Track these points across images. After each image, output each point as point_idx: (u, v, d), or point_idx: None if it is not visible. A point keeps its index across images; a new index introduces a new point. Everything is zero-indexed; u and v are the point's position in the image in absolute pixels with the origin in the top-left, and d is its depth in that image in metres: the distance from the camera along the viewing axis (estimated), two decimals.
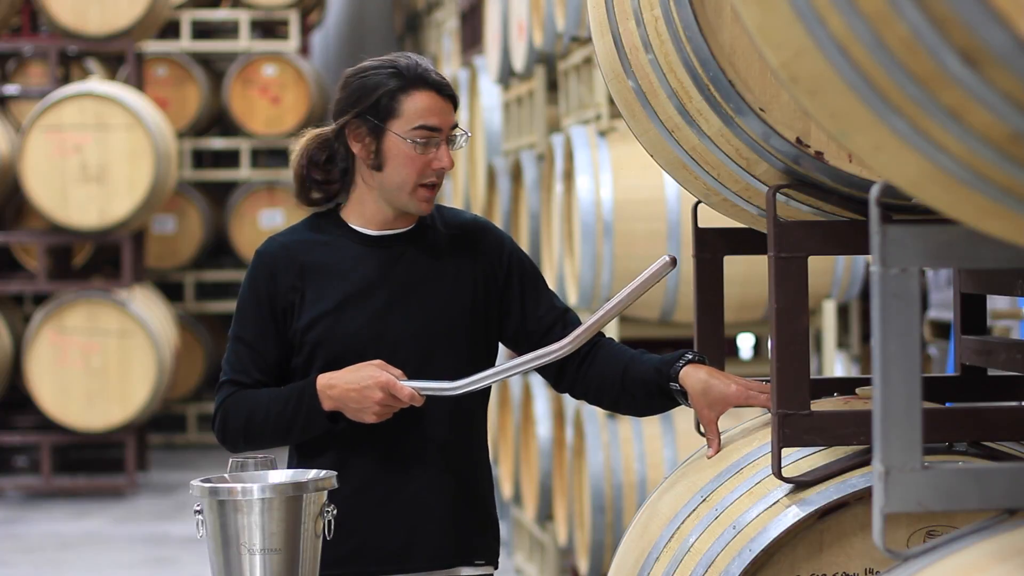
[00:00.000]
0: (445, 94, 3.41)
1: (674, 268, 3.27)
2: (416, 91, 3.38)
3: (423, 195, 3.40)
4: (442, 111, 3.39)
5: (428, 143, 3.37)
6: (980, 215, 1.85)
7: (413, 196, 3.40)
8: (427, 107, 3.38)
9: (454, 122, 3.41)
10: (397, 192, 3.40)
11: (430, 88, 3.39)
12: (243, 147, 14.19)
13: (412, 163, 3.37)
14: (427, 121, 3.37)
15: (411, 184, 3.38)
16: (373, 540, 3.40)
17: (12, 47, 12.20)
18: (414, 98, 3.38)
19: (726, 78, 2.89)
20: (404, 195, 3.40)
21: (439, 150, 3.38)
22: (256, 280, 3.44)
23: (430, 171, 3.38)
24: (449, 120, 3.40)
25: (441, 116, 3.39)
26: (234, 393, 3.42)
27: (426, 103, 3.38)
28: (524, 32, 8.16)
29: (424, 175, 3.38)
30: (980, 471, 2.16)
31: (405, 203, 3.41)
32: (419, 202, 3.40)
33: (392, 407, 3.31)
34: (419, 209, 3.41)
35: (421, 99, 3.38)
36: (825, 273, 6.98)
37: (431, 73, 3.41)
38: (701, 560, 3.00)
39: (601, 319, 3.30)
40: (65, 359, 11.20)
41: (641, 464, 6.77)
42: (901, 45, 1.65)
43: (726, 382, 3.25)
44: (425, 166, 3.38)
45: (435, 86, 3.40)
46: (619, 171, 6.78)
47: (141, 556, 9.39)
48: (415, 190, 3.39)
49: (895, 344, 2.09)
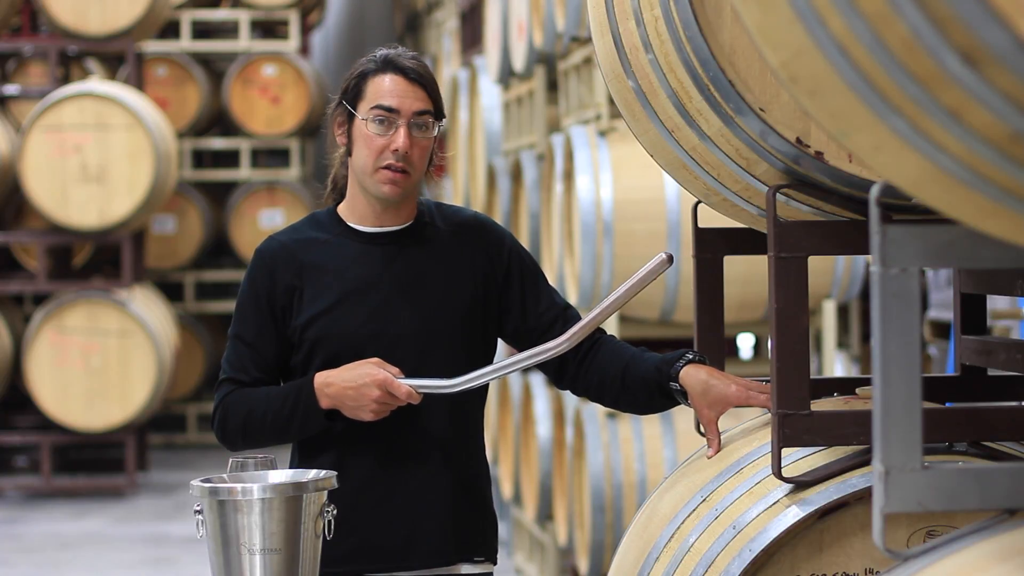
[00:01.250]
0: (410, 78, 3.40)
1: (671, 265, 3.26)
2: (381, 74, 3.41)
3: (384, 176, 3.39)
4: (404, 94, 3.39)
5: (385, 124, 3.38)
6: (980, 215, 1.85)
7: (375, 178, 3.39)
8: (387, 89, 3.39)
9: (420, 108, 3.39)
10: (363, 176, 3.41)
11: (395, 71, 3.40)
12: (243, 147, 14.19)
13: (369, 143, 3.38)
14: (383, 101, 3.38)
15: (370, 166, 3.39)
16: (374, 538, 3.40)
17: (12, 47, 12.20)
18: (377, 80, 3.40)
19: (726, 78, 2.89)
20: (368, 178, 3.40)
21: (396, 132, 3.38)
22: (255, 279, 3.45)
23: (388, 153, 3.38)
24: (411, 104, 3.39)
25: (401, 99, 3.38)
26: (233, 391, 3.42)
27: (387, 85, 3.39)
28: (524, 32, 8.16)
29: (382, 156, 3.38)
30: (980, 471, 2.16)
31: (370, 186, 3.41)
32: (380, 184, 3.39)
33: (390, 405, 3.31)
34: (382, 192, 3.40)
35: (383, 81, 3.40)
36: (825, 273, 6.98)
37: (401, 58, 3.42)
38: (701, 560, 3.00)
39: (598, 316, 3.30)
40: (65, 359, 11.20)
41: (641, 464, 6.77)
42: (901, 45, 1.65)
43: (726, 382, 3.25)
44: (383, 148, 3.38)
45: (401, 69, 3.40)
46: (619, 171, 6.78)
47: (141, 556, 9.39)
48: (375, 172, 3.39)
49: (895, 344, 2.09)
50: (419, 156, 3.40)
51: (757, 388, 3.23)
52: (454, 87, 10.36)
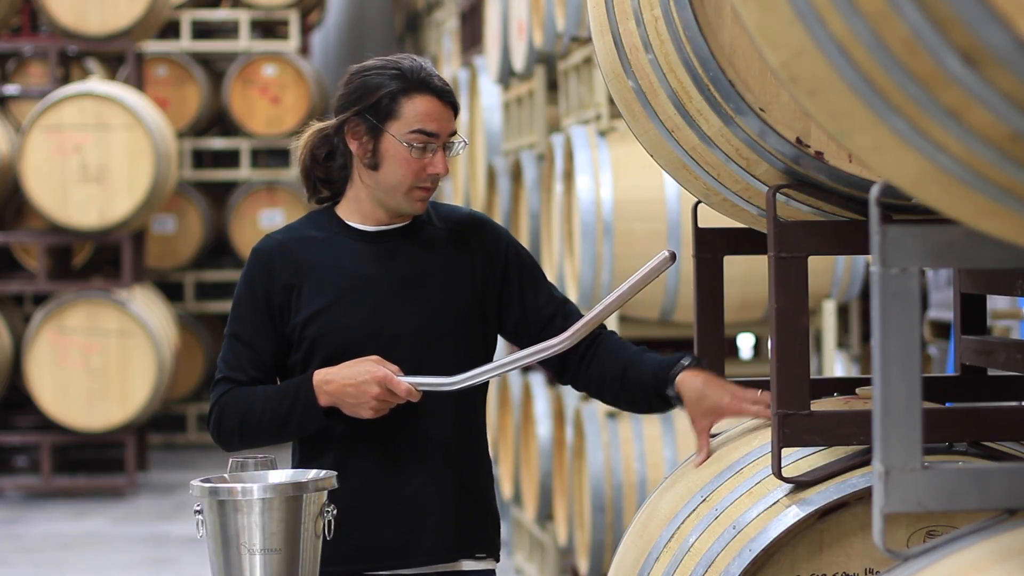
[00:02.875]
0: (446, 100, 3.41)
1: (673, 263, 3.27)
2: (417, 95, 3.39)
3: (418, 195, 3.41)
4: (441, 117, 3.40)
5: (425, 148, 3.38)
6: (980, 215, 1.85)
7: (408, 196, 3.41)
8: (427, 112, 3.38)
9: (453, 129, 3.42)
10: (391, 192, 3.41)
11: (431, 93, 3.40)
12: (243, 147, 14.19)
13: (408, 166, 3.38)
14: (426, 126, 3.38)
15: (406, 186, 3.40)
16: (376, 536, 3.40)
17: (12, 47, 12.20)
18: (415, 102, 3.38)
19: (726, 78, 2.89)
20: (399, 196, 3.41)
21: (435, 156, 3.39)
22: (253, 277, 3.45)
23: (425, 175, 3.39)
24: (448, 127, 3.41)
25: (440, 122, 3.39)
26: (230, 391, 3.42)
27: (426, 108, 3.38)
28: (524, 32, 8.16)
29: (419, 179, 3.39)
30: (980, 471, 2.16)
31: (399, 203, 3.42)
32: (414, 202, 3.42)
33: (389, 403, 3.31)
34: (414, 209, 3.43)
35: (421, 103, 3.38)
36: (825, 273, 6.98)
37: (434, 78, 3.41)
38: (701, 560, 3.00)
39: (600, 313, 3.30)
40: (65, 359, 11.20)
41: (641, 464, 6.77)
42: (901, 45, 1.65)
43: (720, 392, 3.27)
44: (420, 170, 3.38)
45: (436, 92, 3.40)
46: (619, 171, 6.78)
47: (141, 556, 9.39)
48: (410, 191, 3.40)
49: (895, 344, 2.09)
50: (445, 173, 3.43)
51: (751, 398, 3.24)
52: (454, 87, 10.35)
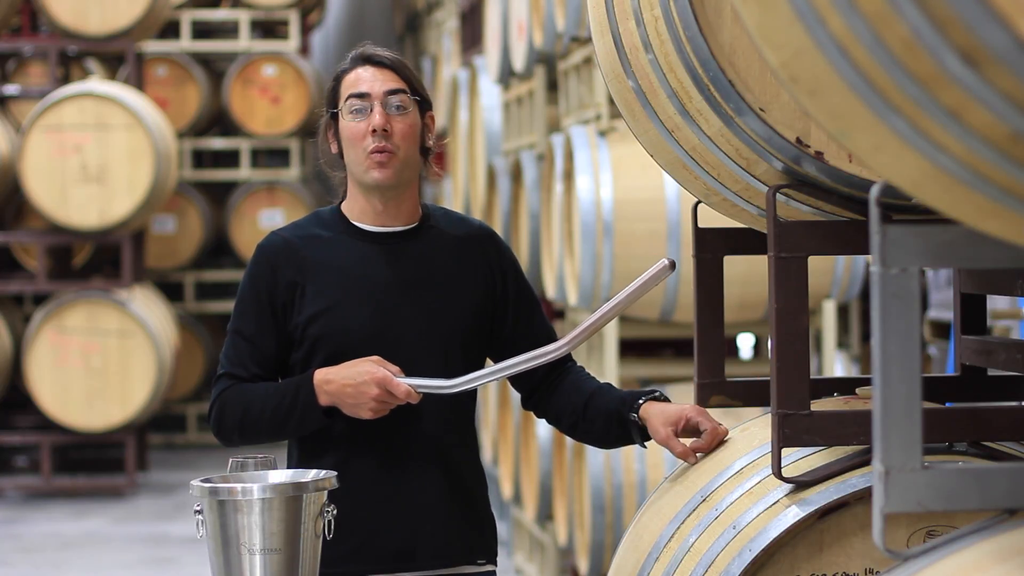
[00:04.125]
0: (376, 63, 3.44)
1: (672, 272, 3.27)
2: (350, 71, 3.45)
3: (371, 162, 3.40)
4: (372, 78, 3.42)
5: (361, 111, 3.40)
6: (980, 215, 1.85)
7: (364, 167, 3.41)
8: (356, 78, 3.43)
9: (392, 87, 3.41)
10: (357, 170, 3.43)
11: (360, 63, 3.45)
12: (243, 147, 14.19)
13: (351, 134, 3.41)
14: (354, 89, 3.42)
15: (361, 156, 3.40)
16: (378, 538, 3.40)
17: (12, 47, 12.20)
18: (347, 77, 3.45)
19: (726, 78, 2.89)
20: (362, 171, 3.42)
21: (373, 112, 3.39)
22: (257, 274, 3.45)
23: (369, 138, 3.39)
24: (380, 86, 3.41)
25: (370, 82, 3.42)
26: (231, 387, 3.42)
27: (356, 76, 3.44)
28: (524, 32, 8.16)
29: (364, 143, 3.39)
30: (980, 471, 2.16)
31: (363, 177, 3.42)
32: (370, 170, 3.40)
33: (388, 404, 3.31)
34: (374, 179, 3.40)
35: (352, 75, 3.44)
36: (825, 273, 6.98)
37: (369, 50, 3.45)
38: (701, 560, 3.00)
39: (598, 322, 3.30)
40: (65, 359, 11.20)
41: (641, 464, 6.77)
42: (901, 45, 1.65)
43: (683, 406, 3.33)
44: (364, 133, 3.40)
45: (367, 59, 3.45)
46: (619, 171, 6.78)
47: (141, 556, 9.39)
48: (365, 159, 3.40)
49: (895, 344, 2.09)
50: (402, 136, 3.40)
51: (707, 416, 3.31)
52: (454, 87, 10.36)
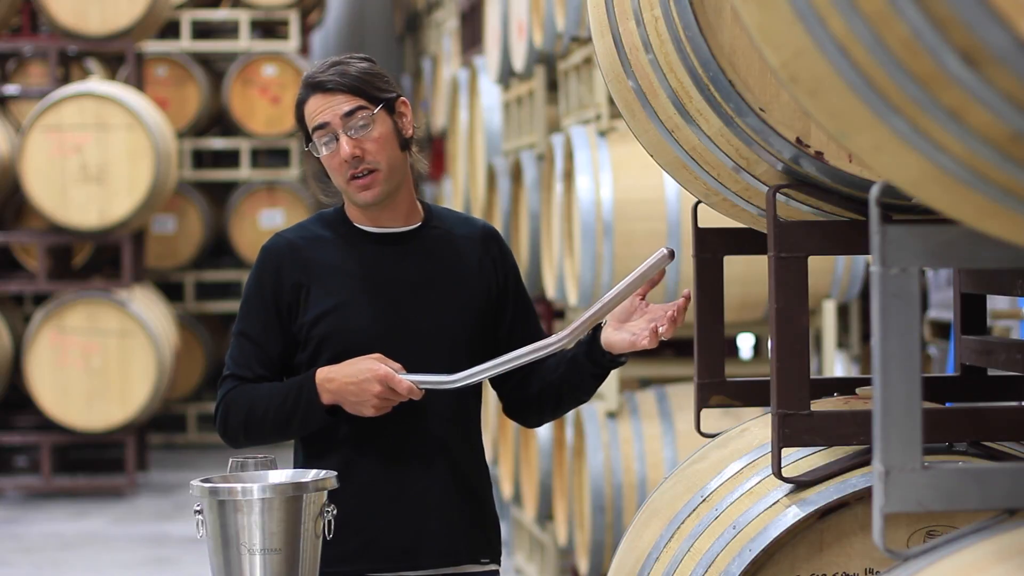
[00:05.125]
0: (328, 89, 3.39)
1: (672, 260, 3.27)
2: (307, 99, 3.42)
3: (354, 187, 3.41)
4: (325, 106, 3.38)
5: (329, 142, 3.39)
6: (980, 215, 1.85)
7: (349, 192, 3.43)
8: (314, 109, 3.40)
9: (346, 110, 3.38)
10: (344, 194, 3.46)
11: (314, 90, 3.41)
12: (243, 147, 14.19)
13: (330, 166, 3.42)
14: (315, 122, 3.40)
15: (343, 184, 3.42)
16: (382, 537, 3.41)
17: (12, 47, 12.19)
18: (307, 106, 3.42)
19: (726, 78, 2.89)
20: (347, 195, 3.45)
21: (339, 143, 3.38)
22: (261, 276, 3.46)
23: (346, 166, 3.39)
24: (336, 112, 3.38)
25: (324, 112, 3.38)
26: (235, 388, 3.43)
27: (313, 106, 3.41)
28: (524, 32, 8.16)
29: (343, 171, 3.40)
30: (980, 471, 2.16)
31: (354, 199, 3.44)
32: (356, 194, 3.42)
33: (391, 400, 3.31)
34: (361, 200, 3.42)
35: (310, 105, 3.41)
36: (825, 273, 6.98)
37: (316, 75, 3.40)
38: (701, 560, 3.00)
39: (599, 311, 3.30)
40: (65, 359, 11.20)
41: (641, 464, 6.77)
42: (901, 45, 1.65)
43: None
44: (339, 163, 3.40)
45: (317, 86, 3.40)
46: (619, 171, 6.78)
47: (141, 556, 9.39)
48: (347, 185, 3.41)
49: (895, 344, 2.09)
50: (377, 149, 3.39)
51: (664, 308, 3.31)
52: (454, 87, 10.36)
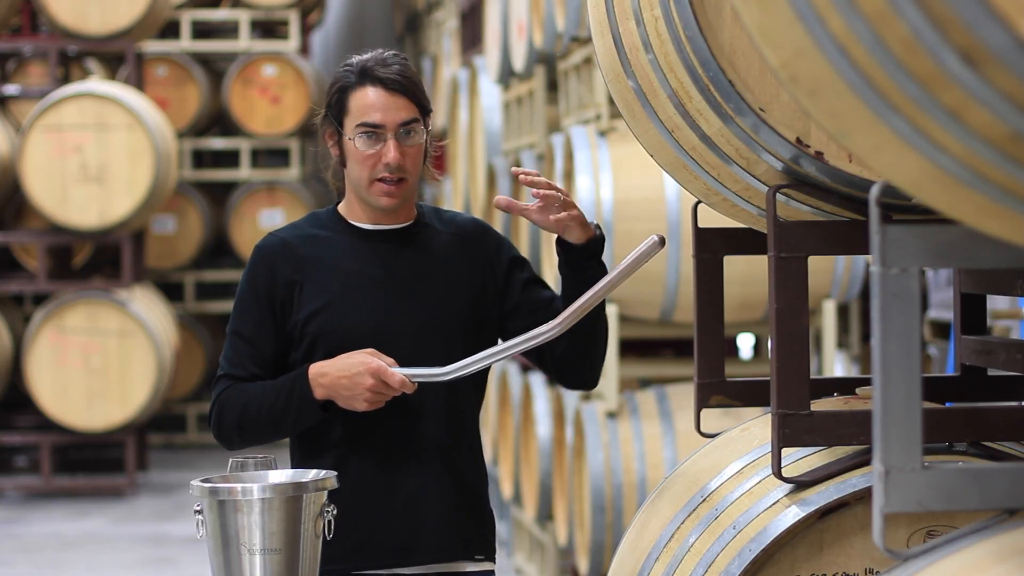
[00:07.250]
0: (392, 88, 3.38)
1: (662, 248, 3.26)
2: (361, 87, 3.39)
3: (380, 189, 3.40)
4: (386, 107, 3.38)
5: (374, 139, 3.38)
6: (980, 215, 1.85)
7: (370, 191, 3.41)
8: (370, 103, 3.38)
9: (404, 118, 3.38)
10: (359, 187, 3.43)
11: (374, 83, 3.39)
12: (243, 147, 14.19)
13: (362, 160, 3.39)
14: (368, 118, 3.38)
15: (365, 180, 3.40)
16: (376, 535, 3.41)
17: (12, 47, 12.19)
18: (358, 95, 3.39)
19: (726, 78, 2.89)
20: (364, 190, 3.43)
21: (386, 145, 3.38)
22: (255, 275, 3.46)
23: (380, 167, 3.38)
24: (396, 116, 3.38)
25: (384, 112, 3.37)
26: (230, 387, 3.43)
27: (368, 100, 3.38)
28: (524, 32, 8.16)
29: (375, 172, 3.39)
30: (980, 471, 2.16)
31: (367, 198, 3.43)
32: (377, 196, 3.41)
33: (384, 394, 3.31)
34: (379, 204, 3.42)
35: (364, 95, 3.39)
36: (825, 273, 6.97)
37: (378, 68, 3.39)
38: (701, 560, 3.00)
39: (590, 299, 3.30)
40: (65, 359, 11.20)
41: (641, 464, 6.77)
42: (901, 45, 1.65)
43: None
44: (374, 163, 3.38)
45: (380, 80, 3.39)
46: (619, 171, 6.78)
47: (141, 556, 9.39)
48: (370, 185, 3.40)
49: (895, 344, 2.09)
50: (412, 163, 3.40)
51: None
52: (454, 87, 10.35)
